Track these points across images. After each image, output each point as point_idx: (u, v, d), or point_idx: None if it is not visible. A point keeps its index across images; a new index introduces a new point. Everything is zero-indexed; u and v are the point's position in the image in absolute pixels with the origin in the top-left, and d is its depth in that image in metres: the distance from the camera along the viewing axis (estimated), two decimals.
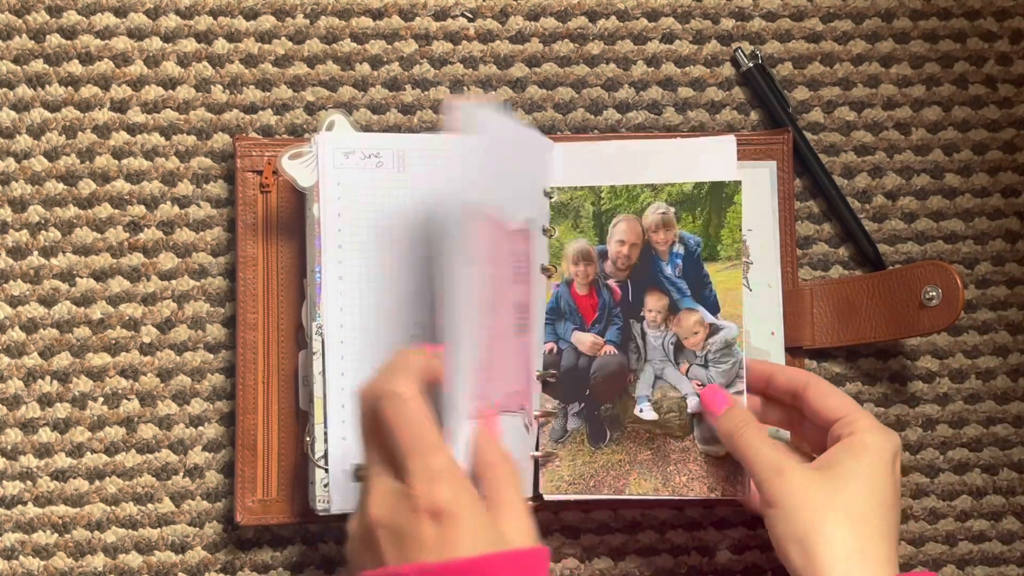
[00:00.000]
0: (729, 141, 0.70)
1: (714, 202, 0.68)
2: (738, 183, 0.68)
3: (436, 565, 0.50)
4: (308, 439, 0.68)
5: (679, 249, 0.69)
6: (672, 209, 0.68)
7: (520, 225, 0.66)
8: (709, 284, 0.68)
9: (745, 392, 0.66)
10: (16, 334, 0.72)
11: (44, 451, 0.72)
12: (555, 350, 0.70)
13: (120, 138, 0.74)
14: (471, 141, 0.59)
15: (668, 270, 0.69)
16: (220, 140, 0.74)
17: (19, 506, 0.72)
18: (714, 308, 0.67)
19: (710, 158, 0.70)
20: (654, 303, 0.69)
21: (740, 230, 0.68)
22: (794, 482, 0.59)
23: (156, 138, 0.74)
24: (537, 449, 0.69)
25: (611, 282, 0.69)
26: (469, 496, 0.52)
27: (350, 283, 0.68)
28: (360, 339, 0.67)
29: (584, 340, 0.69)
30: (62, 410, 0.72)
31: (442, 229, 0.60)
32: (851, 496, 0.59)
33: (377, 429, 0.54)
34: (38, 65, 0.74)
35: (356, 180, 0.68)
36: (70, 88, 0.74)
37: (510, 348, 0.65)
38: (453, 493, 0.51)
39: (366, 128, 0.74)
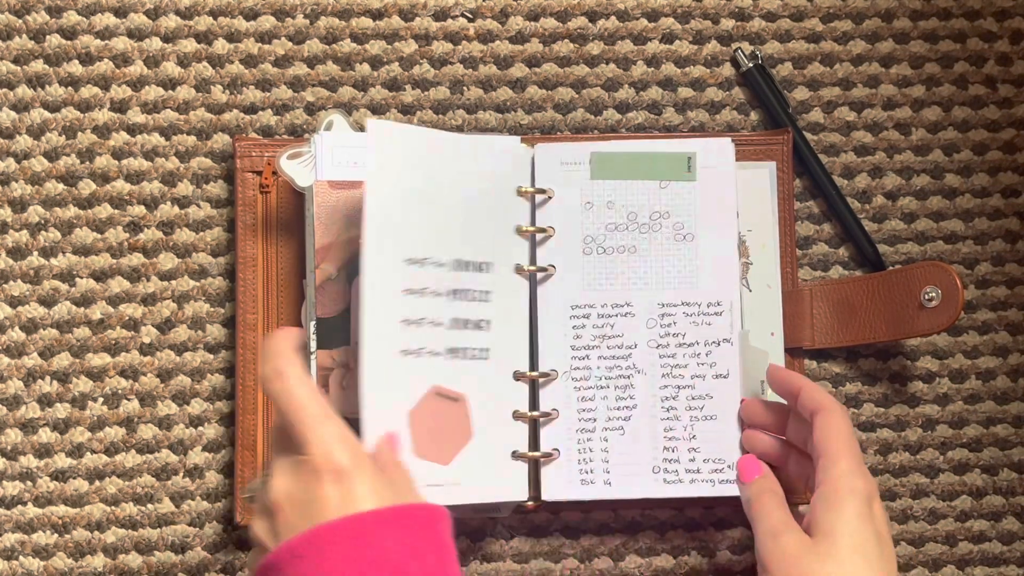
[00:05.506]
0: (727, 146, 0.70)
1: None
2: None
3: (336, 522, 0.52)
4: None
5: None
6: None
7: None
8: None
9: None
10: (16, 334, 0.72)
11: (44, 451, 0.72)
12: None
13: (120, 138, 0.74)
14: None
15: None
16: (220, 140, 0.74)
17: (19, 506, 0.72)
18: None
19: (709, 163, 0.70)
20: None
21: None
22: (787, 548, 0.59)
23: (156, 138, 0.74)
24: (537, 449, 0.69)
25: None
26: (367, 458, 0.55)
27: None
28: None
29: None
30: (62, 410, 0.72)
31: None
32: (837, 563, 0.58)
33: (273, 413, 0.56)
34: (38, 65, 0.74)
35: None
36: (70, 88, 0.74)
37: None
38: (352, 455, 0.53)
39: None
